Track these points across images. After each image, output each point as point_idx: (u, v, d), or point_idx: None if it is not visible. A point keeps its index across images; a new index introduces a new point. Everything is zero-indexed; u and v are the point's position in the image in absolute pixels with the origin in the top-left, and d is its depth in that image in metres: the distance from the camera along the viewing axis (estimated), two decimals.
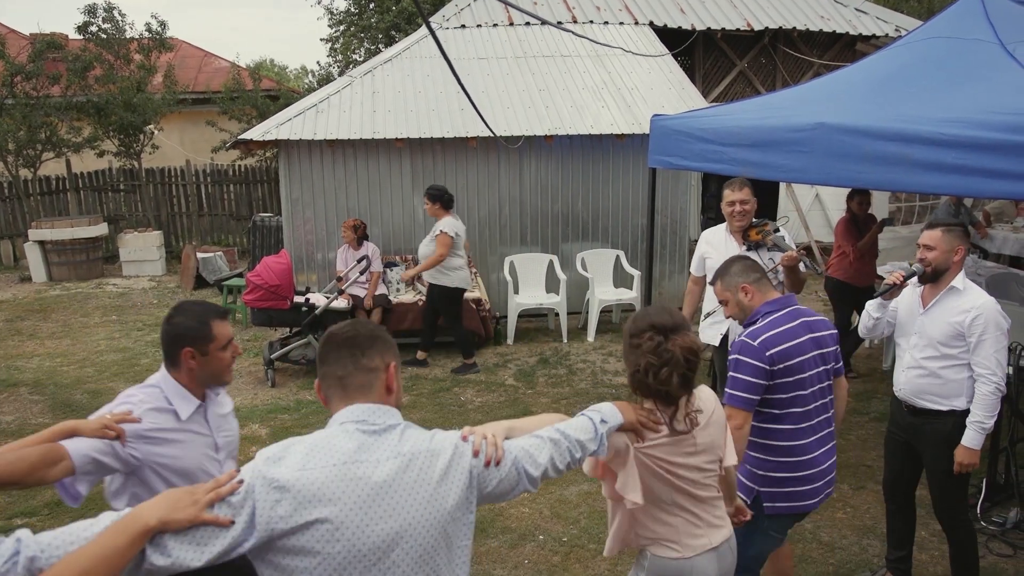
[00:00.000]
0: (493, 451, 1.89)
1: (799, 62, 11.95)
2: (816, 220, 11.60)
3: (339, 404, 1.85)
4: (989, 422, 3.45)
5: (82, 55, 13.10)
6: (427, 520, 1.78)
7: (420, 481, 1.79)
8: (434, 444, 1.85)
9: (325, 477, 1.70)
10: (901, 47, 4.84)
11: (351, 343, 1.87)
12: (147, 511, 1.58)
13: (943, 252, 3.55)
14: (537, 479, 1.97)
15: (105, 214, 13.55)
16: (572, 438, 2.05)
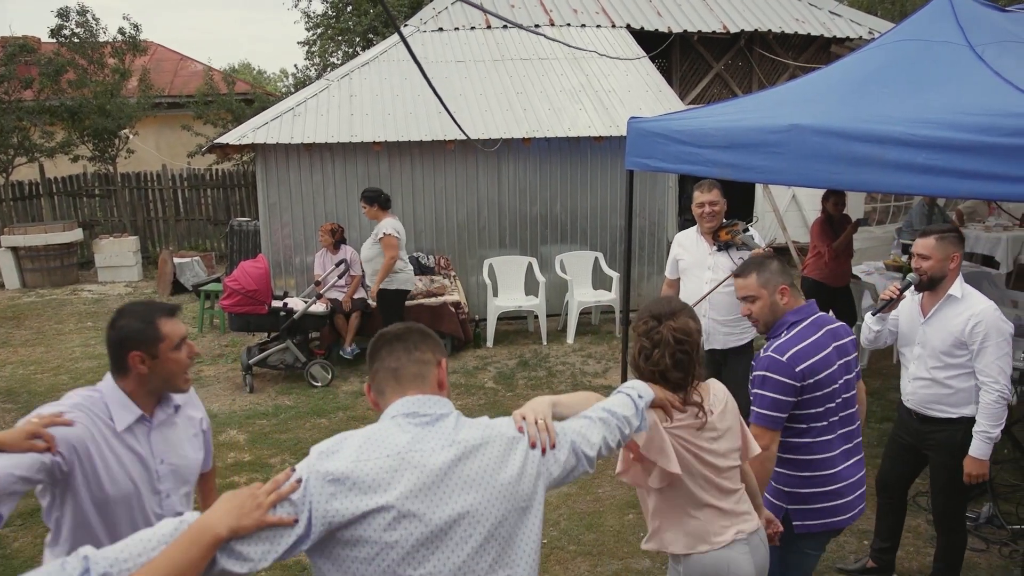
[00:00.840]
0: (547, 437, 1.87)
1: (775, 64, 12.06)
2: (793, 220, 11.69)
3: (392, 396, 1.84)
4: (995, 431, 3.40)
5: (55, 59, 12.95)
6: (488, 508, 1.75)
7: (480, 470, 1.76)
8: (490, 432, 1.83)
9: (381, 467, 1.69)
10: (873, 49, 4.90)
11: (403, 338, 1.88)
12: (216, 521, 1.56)
13: (938, 260, 3.52)
14: (594, 459, 1.96)
15: (80, 220, 13.39)
16: (619, 415, 2.05)
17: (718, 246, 4.84)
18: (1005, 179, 3.39)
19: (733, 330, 4.86)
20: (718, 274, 4.82)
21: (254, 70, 36.82)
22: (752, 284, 2.99)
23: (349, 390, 7.07)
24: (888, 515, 4.02)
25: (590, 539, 4.49)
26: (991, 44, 4.26)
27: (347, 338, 7.65)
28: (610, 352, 7.95)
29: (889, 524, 4.03)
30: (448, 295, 8.01)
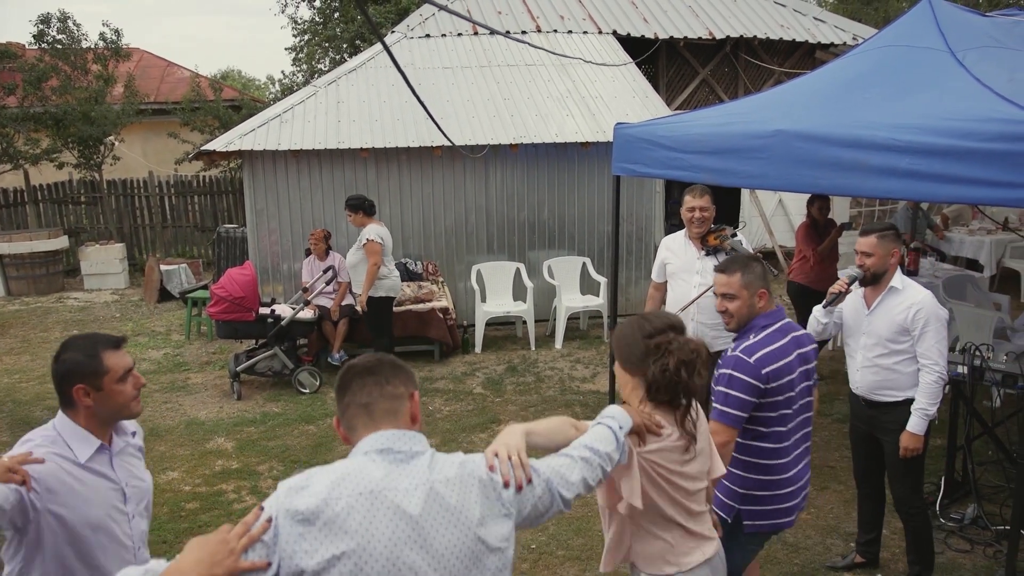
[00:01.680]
0: (521, 474, 1.82)
1: (760, 70, 12.13)
2: (779, 225, 11.77)
3: (364, 432, 1.78)
4: (932, 409, 3.65)
5: (38, 65, 12.88)
6: (461, 551, 1.71)
7: (453, 511, 1.72)
8: (464, 471, 1.78)
9: (351, 507, 1.63)
10: (856, 55, 4.94)
11: (374, 371, 1.82)
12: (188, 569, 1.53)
13: (880, 257, 3.74)
14: (571, 500, 1.91)
15: (65, 227, 13.31)
16: (602, 452, 2.01)
17: (706, 251, 4.87)
18: (986, 184, 3.43)
19: (720, 333, 4.88)
20: (706, 279, 4.84)
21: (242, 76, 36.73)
22: (736, 282, 3.04)
23: None
24: (866, 505, 4.15)
25: (579, 544, 4.49)
26: (972, 49, 4.32)
27: (335, 344, 7.64)
28: (598, 357, 7.97)
29: (868, 515, 4.15)
30: (436, 301, 8.02)
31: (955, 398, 4.71)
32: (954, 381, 4.55)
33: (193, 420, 6.63)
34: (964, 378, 4.46)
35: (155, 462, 5.64)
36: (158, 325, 9.83)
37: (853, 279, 3.81)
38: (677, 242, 5.06)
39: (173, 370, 7.98)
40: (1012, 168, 3.33)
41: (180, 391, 7.36)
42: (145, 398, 7.20)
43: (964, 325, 6.23)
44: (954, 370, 4.49)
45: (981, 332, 5.94)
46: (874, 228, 3.83)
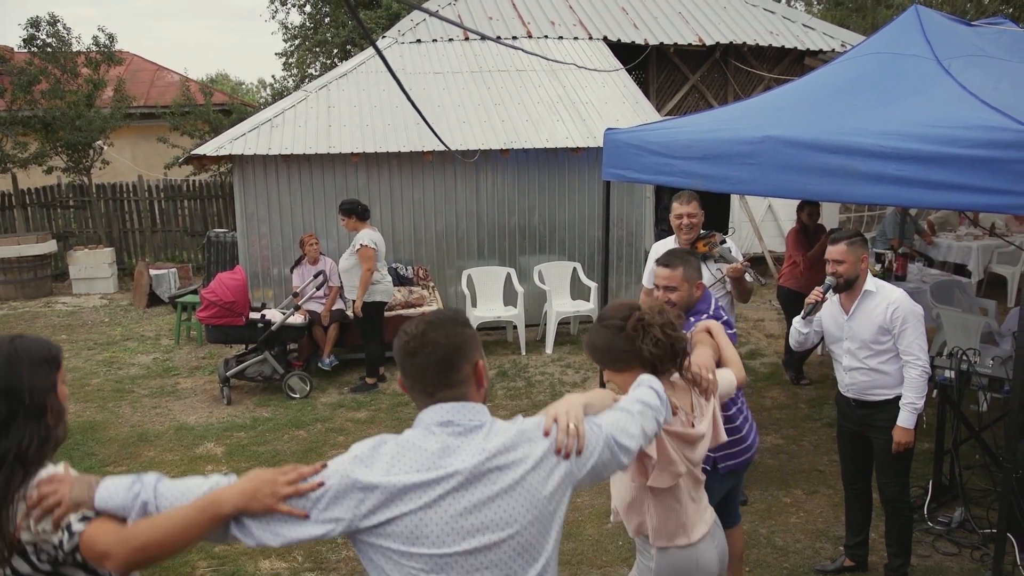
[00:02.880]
0: (575, 443, 1.83)
1: (750, 76, 12.20)
2: (769, 230, 11.82)
3: (423, 403, 1.83)
4: (919, 402, 3.76)
5: (27, 68, 12.82)
6: (519, 515, 1.75)
7: (509, 478, 1.75)
8: (520, 438, 1.80)
9: (411, 481, 1.69)
10: (844, 62, 4.99)
11: (437, 359, 1.79)
12: (227, 499, 1.64)
13: (851, 263, 3.85)
14: (633, 451, 1.95)
15: (54, 231, 13.24)
16: (653, 404, 2.06)
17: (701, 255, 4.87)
18: (971, 190, 3.47)
19: None
20: None
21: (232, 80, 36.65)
22: (679, 276, 3.40)
23: (327, 401, 7.04)
24: (854, 506, 4.20)
25: (569, 548, 4.50)
26: (958, 58, 4.36)
27: (325, 349, 7.63)
28: (588, 362, 7.98)
29: (857, 517, 4.20)
30: (427, 306, 8.02)
31: (942, 402, 4.75)
32: (941, 386, 4.59)
33: (182, 425, 6.60)
34: (951, 382, 4.50)
35: (144, 467, 5.62)
36: (147, 330, 9.79)
37: (827, 288, 3.92)
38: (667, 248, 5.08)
39: (162, 375, 7.95)
40: (997, 174, 3.37)
41: (169, 396, 7.33)
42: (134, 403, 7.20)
43: (951, 330, 6.28)
44: (941, 375, 4.53)
45: (968, 337, 5.99)
46: (842, 236, 3.94)
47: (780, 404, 6.73)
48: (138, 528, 1.65)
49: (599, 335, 2.41)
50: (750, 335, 8.81)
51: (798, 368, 7.24)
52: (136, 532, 1.65)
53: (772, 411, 6.57)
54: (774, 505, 4.97)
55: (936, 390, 4.71)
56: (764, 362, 7.86)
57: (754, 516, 4.83)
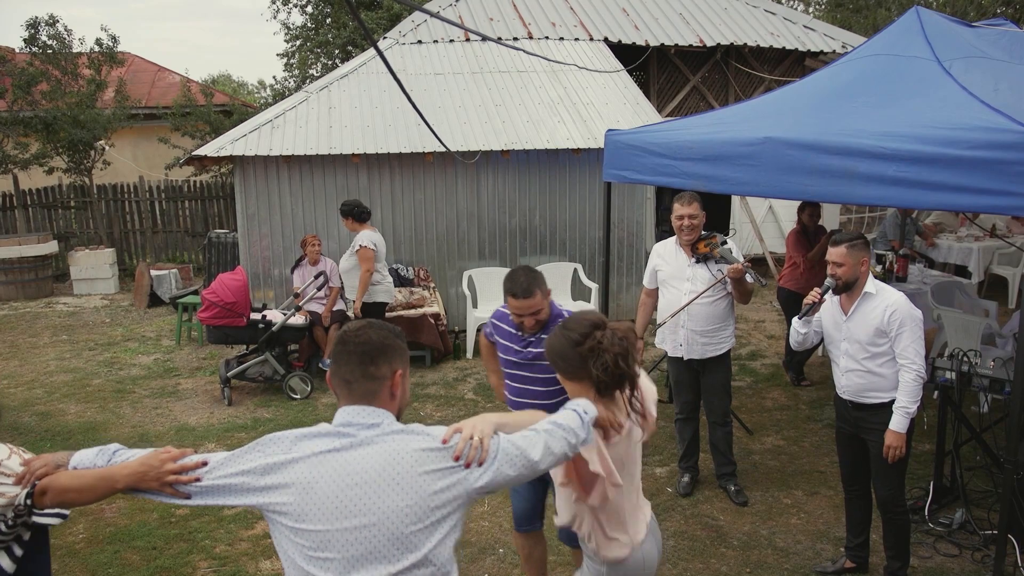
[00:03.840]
0: (476, 454, 1.92)
1: (751, 77, 12.21)
2: (770, 231, 11.83)
3: (343, 402, 1.97)
4: (913, 407, 3.73)
5: (28, 69, 12.83)
6: (400, 519, 1.85)
7: (397, 480, 1.86)
8: (417, 443, 1.91)
9: (306, 466, 1.87)
10: (845, 64, 4.99)
11: (363, 352, 1.95)
12: (120, 477, 1.94)
13: (851, 266, 3.83)
14: (535, 466, 2.01)
15: (55, 231, 13.25)
16: (566, 426, 2.13)
17: (696, 258, 4.89)
18: (972, 191, 3.47)
19: (711, 340, 4.91)
20: (696, 286, 4.87)
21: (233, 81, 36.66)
22: (539, 300, 3.37)
23: (328, 402, 7.04)
24: (855, 507, 4.19)
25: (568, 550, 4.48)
26: (958, 59, 4.37)
27: (326, 350, 7.63)
28: None
29: (857, 518, 4.20)
30: (427, 307, 8.02)
31: (943, 404, 4.74)
32: (942, 387, 4.60)
33: (183, 426, 6.61)
34: (952, 384, 4.50)
35: None
36: (148, 330, 9.79)
37: (826, 289, 3.93)
38: (668, 249, 5.08)
39: (163, 375, 7.95)
40: (998, 176, 3.38)
41: (170, 396, 7.34)
42: (135, 403, 7.20)
43: (952, 331, 6.28)
44: (942, 376, 4.53)
45: (969, 338, 5.99)
46: (843, 238, 3.91)
47: (781, 405, 6.73)
48: (63, 476, 1.99)
49: (558, 340, 2.49)
50: (751, 336, 8.81)
51: (799, 369, 7.24)
52: (62, 479, 1.99)
53: (773, 412, 6.57)
54: (775, 506, 4.97)
55: (937, 391, 4.71)
56: (764, 363, 7.86)
57: (755, 517, 4.83)
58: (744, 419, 6.22)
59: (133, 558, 4.52)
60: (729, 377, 5.10)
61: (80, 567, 4.43)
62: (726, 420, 5.09)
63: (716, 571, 4.27)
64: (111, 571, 4.39)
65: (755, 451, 5.79)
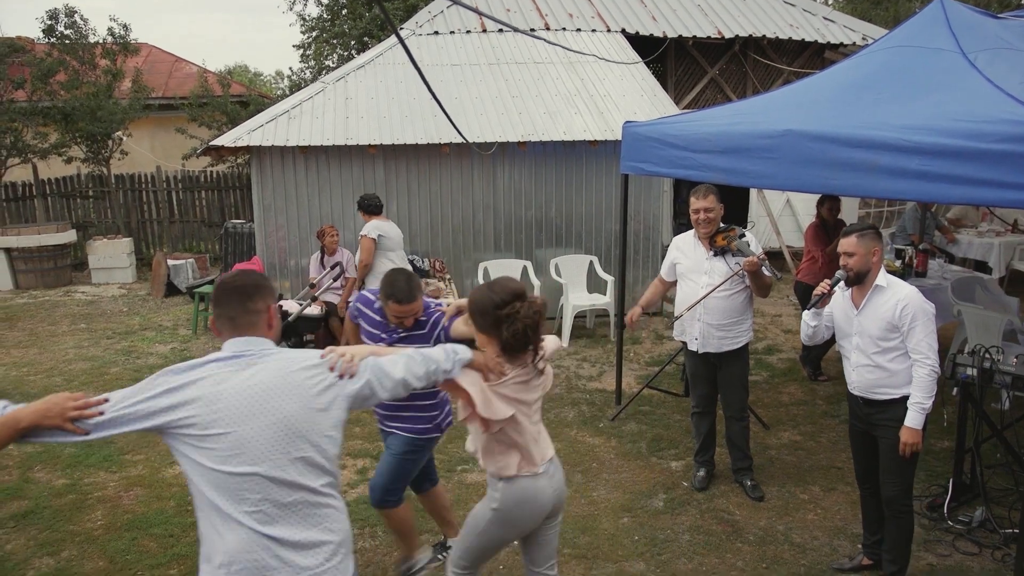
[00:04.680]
0: (347, 367, 2.28)
1: (769, 70, 12.11)
2: (787, 225, 11.74)
3: (229, 336, 2.25)
4: (928, 402, 3.66)
5: (46, 59, 12.91)
6: (294, 416, 2.17)
7: (288, 387, 2.18)
8: (300, 360, 2.25)
9: (208, 383, 2.13)
10: (867, 56, 4.93)
11: (240, 291, 2.28)
12: (24, 416, 2.08)
13: (862, 256, 3.75)
14: (397, 382, 2.39)
15: (73, 221, 13.34)
16: (427, 356, 2.50)
17: (715, 251, 4.85)
18: (996, 185, 3.43)
19: (727, 334, 4.88)
20: (714, 279, 4.83)
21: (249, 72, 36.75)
22: (419, 304, 3.59)
23: None
24: (870, 504, 4.13)
25: (585, 542, 4.49)
26: (984, 51, 4.30)
27: (341, 341, 7.64)
28: (604, 356, 7.96)
29: (873, 515, 4.13)
30: (443, 298, 8.01)
31: (964, 400, 4.69)
32: (963, 383, 4.54)
33: None
34: (974, 380, 4.44)
35: (161, 456, 5.66)
36: (165, 319, 9.85)
37: (836, 280, 3.85)
38: (687, 242, 5.04)
39: None
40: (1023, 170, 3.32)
41: None
42: None
43: (973, 327, 6.21)
44: (963, 372, 4.48)
45: (990, 334, 5.92)
46: (854, 228, 3.84)
47: (797, 400, 6.68)
48: None
49: (482, 296, 2.86)
50: (767, 330, 8.76)
51: (816, 364, 7.18)
52: None
53: (789, 407, 6.53)
54: (791, 502, 4.94)
55: (957, 388, 4.65)
56: (781, 358, 7.81)
57: (771, 512, 4.81)
58: (760, 414, 6.19)
59: (150, 545, 4.55)
60: (746, 371, 5.05)
61: (98, 553, 4.47)
62: (743, 415, 5.05)
63: (732, 566, 4.25)
64: (129, 558, 4.42)
65: (771, 446, 5.76)
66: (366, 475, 5.39)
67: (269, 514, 2.14)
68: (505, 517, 3.00)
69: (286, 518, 2.16)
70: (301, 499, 2.19)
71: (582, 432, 6.08)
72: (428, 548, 4.27)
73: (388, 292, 3.51)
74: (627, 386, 6.88)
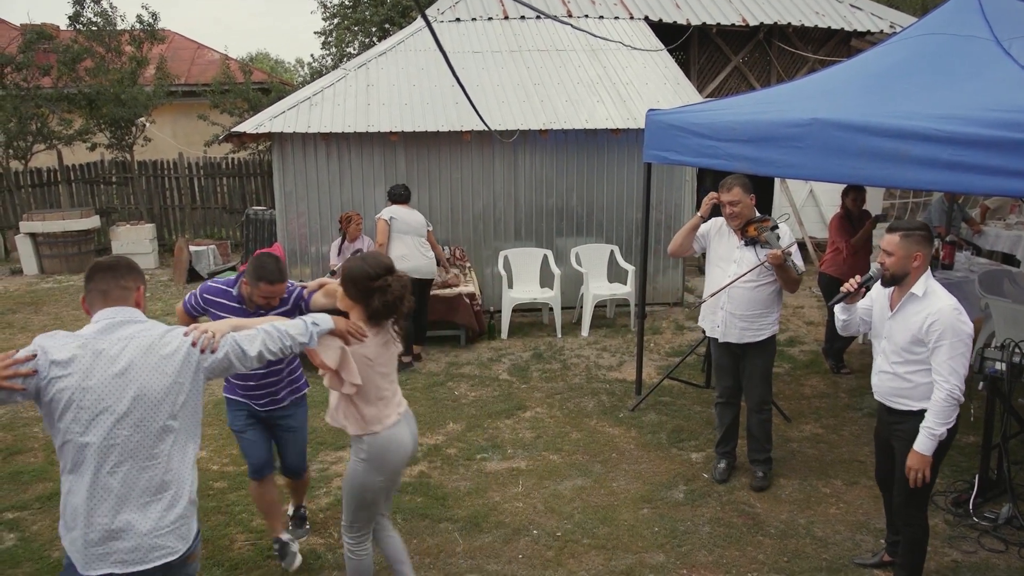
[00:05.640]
0: (208, 342, 2.56)
1: (794, 58, 11.95)
2: (810, 216, 11.61)
3: (99, 308, 2.51)
4: (940, 429, 3.40)
5: (72, 46, 13.00)
6: (155, 385, 2.45)
7: (151, 359, 2.46)
8: (166, 336, 2.53)
9: (75, 351, 2.39)
10: (897, 43, 4.84)
11: (112, 268, 2.56)
12: None
13: (900, 258, 3.50)
14: (252, 357, 2.65)
15: (97, 207, 13.47)
16: (283, 331, 2.73)
17: (745, 240, 4.76)
18: None
19: (750, 326, 4.81)
20: (742, 268, 4.74)
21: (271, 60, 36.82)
22: (286, 284, 3.86)
23: None
24: (890, 505, 4.02)
25: (604, 533, 4.48)
26: (1019, 38, 4.21)
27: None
28: (625, 345, 7.92)
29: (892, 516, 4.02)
30: (463, 286, 8.01)
31: (992, 395, 4.61)
32: (992, 378, 4.46)
33: (221, 400, 6.65)
34: (1002, 375, 4.36)
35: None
36: None
37: (868, 278, 3.65)
38: (721, 228, 4.94)
39: None
40: None
41: None
42: None
43: (1001, 321, 6.11)
44: (991, 367, 4.40)
45: (1019, 328, 5.82)
46: (901, 226, 3.56)
47: (820, 393, 6.62)
48: None
49: (358, 268, 3.19)
50: (789, 322, 8.68)
51: (838, 356, 7.11)
52: None
53: (812, 400, 6.47)
54: (813, 495, 4.89)
55: (984, 382, 4.57)
56: (803, 350, 7.73)
57: (792, 506, 4.76)
58: (782, 406, 6.13)
59: None
60: (769, 364, 4.98)
61: None
62: (763, 407, 4.99)
63: (753, 559, 4.22)
64: None
65: (793, 439, 5.71)
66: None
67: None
68: (376, 464, 3.31)
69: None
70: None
71: (601, 422, 6.06)
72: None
73: (260, 275, 3.73)
74: (647, 376, 6.84)
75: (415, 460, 5.43)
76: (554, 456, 5.49)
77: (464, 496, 4.94)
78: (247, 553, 4.33)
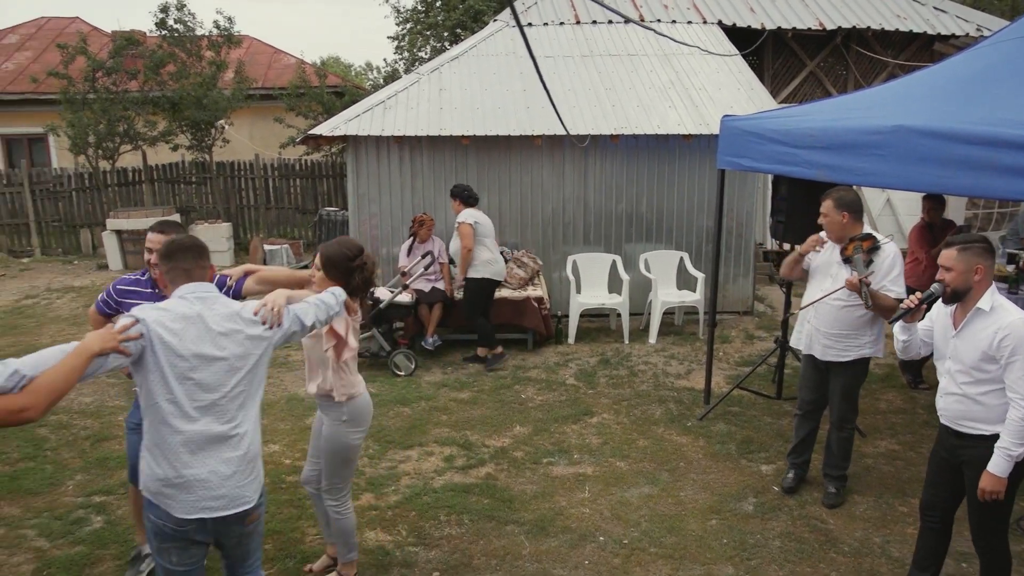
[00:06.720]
0: (276, 319, 2.97)
1: (873, 63, 11.64)
2: (886, 226, 11.28)
3: (182, 283, 2.88)
4: (1018, 450, 3.25)
5: (157, 51, 13.52)
6: (240, 351, 2.87)
7: (235, 328, 2.87)
8: (243, 309, 2.94)
9: (179, 323, 2.77)
10: (987, 47, 4.68)
11: (193, 249, 2.93)
12: (91, 344, 2.53)
13: (960, 273, 3.37)
14: (307, 328, 3.14)
15: (177, 205, 13.96)
16: (326, 302, 3.25)
17: (844, 257, 4.62)
18: None
19: (834, 344, 4.67)
20: (835, 285, 4.61)
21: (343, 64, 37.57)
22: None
23: (431, 380, 7.16)
24: (930, 539, 3.81)
25: (671, 542, 4.44)
26: None
27: (429, 329, 7.75)
28: (693, 353, 7.83)
29: (929, 546, 3.81)
30: (531, 290, 8.03)
31: None
32: None
33: (294, 396, 6.85)
34: None
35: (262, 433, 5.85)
36: None
37: (929, 295, 3.49)
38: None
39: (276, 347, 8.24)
40: None
41: (282, 367, 7.62)
42: None
43: None
44: None
45: None
46: (958, 240, 3.44)
47: (896, 408, 6.43)
48: (40, 383, 2.37)
49: (335, 250, 3.58)
50: None
51: (916, 371, 6.89)
52: (40, 385, 2.37)
53: (888, 415, 6.29)
54: (889, 513, 4.76)
55: None
56: (879, 363, 7.51)
57: (867, 523, 4.64)
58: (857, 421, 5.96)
59: None
60: (853, 385, 4.78)
61: None
62: (844, 426, 4.85)
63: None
64: None
65: (868, 455, 5.56)
66: (453, 462, 5.46)
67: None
68: (356, 423, 3.78)
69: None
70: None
71: (669, 430, 6.01)
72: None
73: (150, 227, 3.95)
74: (716, 386, 6.75)
75: (482, 461, 5.48)
76: (621, 463, 5.46)
77: (530, 499, 4.95)
78: (318, 547, 4.42)
